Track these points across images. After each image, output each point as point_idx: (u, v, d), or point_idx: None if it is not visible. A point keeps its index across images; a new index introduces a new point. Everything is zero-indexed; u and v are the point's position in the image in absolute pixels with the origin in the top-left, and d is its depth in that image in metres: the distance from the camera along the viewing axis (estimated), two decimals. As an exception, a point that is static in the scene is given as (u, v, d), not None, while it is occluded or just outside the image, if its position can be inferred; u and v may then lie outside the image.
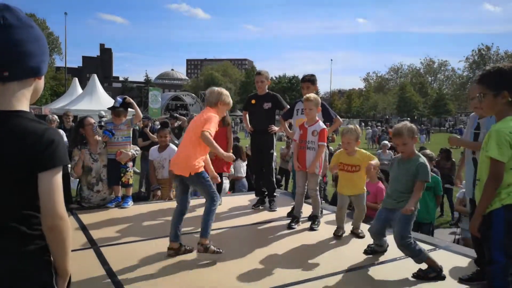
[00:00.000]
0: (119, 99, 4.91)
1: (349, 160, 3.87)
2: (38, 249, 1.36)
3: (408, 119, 57.15)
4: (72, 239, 1.40)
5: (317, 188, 4.24)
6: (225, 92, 3.54)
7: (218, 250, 3.23)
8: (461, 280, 2.94)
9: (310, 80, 4.90)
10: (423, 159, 3.09)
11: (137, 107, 5.10)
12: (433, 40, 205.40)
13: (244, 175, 7.57)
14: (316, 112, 4.24)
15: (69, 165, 4.97)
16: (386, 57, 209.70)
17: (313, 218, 4.29)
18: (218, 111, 3.46)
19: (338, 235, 3.96)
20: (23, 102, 1.39)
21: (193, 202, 3.58)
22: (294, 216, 4.34)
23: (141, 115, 5.31)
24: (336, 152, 4.13)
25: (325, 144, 4.21)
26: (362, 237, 3.91)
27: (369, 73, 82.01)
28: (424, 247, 3.19)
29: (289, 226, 4.24)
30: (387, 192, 3.33)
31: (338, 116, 4.90)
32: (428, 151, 5.95)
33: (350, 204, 4.12)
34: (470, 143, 3.26)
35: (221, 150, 3.36)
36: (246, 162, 7.59)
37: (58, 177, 1.35)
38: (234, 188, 7.42)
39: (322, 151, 4.18)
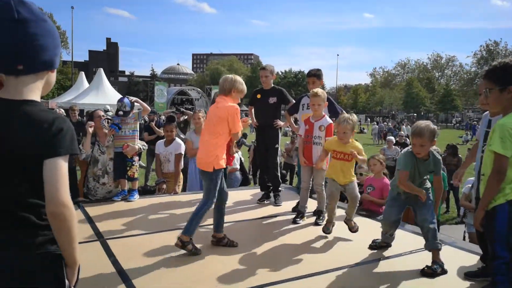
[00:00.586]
0: (127, 102, 4.85)
1: (343, 148, 3.74)
2: (46, 241, 1.36)
3: (415, 114, 56.95)
4: (78, 230, 1.39)
5: (323, 183, 4.24)
6: (239, 79, 3.47)
7: (195, 250, 3.20)
8: (466, 276, 2.93)
9: (316, 74, 4.87)
10: (437, 154, 3.16)
11: (143, 103, 5.15)
12: (441, 35, 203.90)
13: (238, 166, 7.08)
14: (323, 108, 4.23)
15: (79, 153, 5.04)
16: (393, 52, 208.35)
17: (318, 213, 4.29)
18: (232, 99, 3.41)
19: (327, 232, 3.77)
20: (35, 93, 1.41)
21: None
22: (299, 211, 4.35)
23: (149, 109, 5.36)
24: (329, 140, 3.97)
25: None
26: (355, 231, 3.76)
27: (375, 68, 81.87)
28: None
29: (294, 221, 4.25)
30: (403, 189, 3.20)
31: (344, 111, 4.87)
32: (434, 147, 5.92)
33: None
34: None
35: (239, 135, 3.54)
36: (239, 152, 7.25)
37: (64, 165, 1.35)
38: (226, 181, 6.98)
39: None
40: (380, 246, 3.47)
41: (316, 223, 4.19)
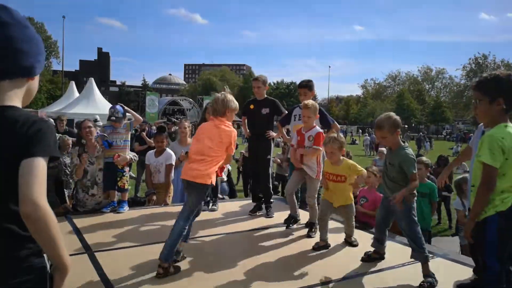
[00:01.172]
0: (119, 108, 4.84)
1: (334, 170, 3.73)
2: (31, 254, 1.31)
3: (406, 126, 57.57)
4: (65, 242, 1.32)
5: (316, 195, 4.21)
6: (230, 97, 3.43)
7: (177, 269, 3.08)
8: (459, 289, 2.92)
9: (307, 85, 4.90)
10: (406, 151, 2.98)
11: (134, 113, 5.16)
12: (431, 48, 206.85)
13: (226, 178, 7.10)
14: (314, 119, 4.22)
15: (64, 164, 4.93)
16: (384, 64, 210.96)
17: (310, 225, 4.26)
18: (228, 118, 3.40)
19: (317, 247, 3.71)
20: (15, 101, 1.38)
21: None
22: (291, 216, 4.37)
23: (141, 119, 5.35)
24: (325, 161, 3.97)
25: (320, 148, 4.07)
26: (356, 245, 3.82)
27: (366, 80, 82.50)
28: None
29: (287, 226, 4.29)
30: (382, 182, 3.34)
31: (335, 122, 4.89)
32: (424, 158, 5.95)
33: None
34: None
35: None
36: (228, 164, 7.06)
37: (41, 166, 1.27)
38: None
39: (314, 153, 4.10)
40: (372, 258, 3.44)
41: (308, 235, 4.16)
